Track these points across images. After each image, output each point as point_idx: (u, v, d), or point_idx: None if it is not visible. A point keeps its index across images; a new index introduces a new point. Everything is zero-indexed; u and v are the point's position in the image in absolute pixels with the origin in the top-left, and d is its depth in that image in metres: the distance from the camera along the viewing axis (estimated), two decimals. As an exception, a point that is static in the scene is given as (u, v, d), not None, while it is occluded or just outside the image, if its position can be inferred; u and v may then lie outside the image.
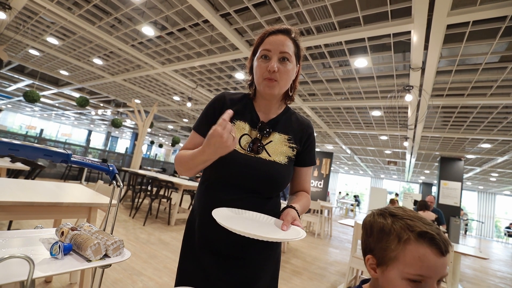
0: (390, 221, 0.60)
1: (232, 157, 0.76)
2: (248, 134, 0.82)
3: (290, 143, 0.84)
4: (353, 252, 2.78)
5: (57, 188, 1.83)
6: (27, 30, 4.92)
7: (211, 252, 0.77)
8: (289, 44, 0.78)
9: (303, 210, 0.82)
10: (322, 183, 11.04)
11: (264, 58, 0.78)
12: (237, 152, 0.78)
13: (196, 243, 0.80)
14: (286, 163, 0.82)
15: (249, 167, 0.76)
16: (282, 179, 0.80)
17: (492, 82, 3.83)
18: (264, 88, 0.78)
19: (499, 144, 6.59)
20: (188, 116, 10.22)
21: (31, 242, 0.82)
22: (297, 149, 0.85)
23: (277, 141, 0.83)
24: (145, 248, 3.18)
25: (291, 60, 0.79)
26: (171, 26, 3.86)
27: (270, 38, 0.79)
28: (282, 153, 0.82)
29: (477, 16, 2.50)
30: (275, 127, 0.85)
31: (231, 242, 0.76)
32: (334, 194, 19.87)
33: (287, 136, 0.85)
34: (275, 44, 0.77)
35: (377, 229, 0.61)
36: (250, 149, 0.79)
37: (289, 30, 0.81)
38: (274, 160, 0.80)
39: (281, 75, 0.77)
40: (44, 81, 8.86)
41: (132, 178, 5.36)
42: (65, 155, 0.85)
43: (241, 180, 0.77)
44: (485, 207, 18.18)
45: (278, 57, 0.77)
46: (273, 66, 0.75)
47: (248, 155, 0.79)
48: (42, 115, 20.74)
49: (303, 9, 2.96)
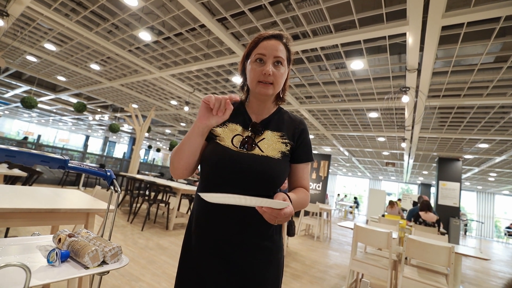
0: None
1: (224, 154, 0.78)
2: (240, 134, 0.84)
3: (283, 139, 0.85)
4: (353, 255, 2.76)
5: (55, 194, 1.82)
6: (24, 37, 4.92)
7: (209, 254, 0.77)
8: (282, 49, 0.82)
9: (299, 203, 0.81)
10: (320, 186, 11.03)
11: (259, 62, 0.81)
12: (229, 149, 0.80)
13: (194, 247, 0.80)
14: (280, 158, 0.81)
15: (242, 163, 0.77)
16: (276, 174, 0.79)
17: (488, 82, 3.86)
18: (260, 90, 0.81)
19: (496, 144, 6.63)
20: (186, 120, 10.22)
21: (28, 249, 0.81)
22: (291, 144, 0.86)
23: (270, 138, 0.85)
24: (144, 253, 3.15)
25: (283, 64, 0.83)
26: (168, 31, 3.88)
27: (264, 43, 0.82)
28: (275, 149, 0.83)
29: (472, 18, 2.53)
30: (267, 126, 0.87)
31: (229, 242, 0.76)
32: (332, 197, 19.86)
33: (280, 133, 0.86)
34: (269, 48, 0.80)
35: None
36: (242, 146, 0.81)
37: (281, 35, 0.85)
38: (267, 155, 0.80)
39: (275, 78, 0.81)
40: (42, 87, 8.84)
41: (130, 183, 5.34)
42: (62, 161, 0.84)
43: (236, 178, 0.77)
44: (484, 207, 18.22)
45: (273, 61, 0.81)
46: (268, 70, 0.78)
47: (241, 152, 0.80)
48: (40, 121, 20.66)
49: (299, 13, 2.98)
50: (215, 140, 0.83)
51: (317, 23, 3.17)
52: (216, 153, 0.79)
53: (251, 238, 0.78)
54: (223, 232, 0.77)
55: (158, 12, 3.41)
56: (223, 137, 0.83)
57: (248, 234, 0.77)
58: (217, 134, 0.84)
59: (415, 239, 2.44)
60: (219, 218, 0.77)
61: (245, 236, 0.77)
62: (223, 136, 0.83)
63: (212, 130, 0.84)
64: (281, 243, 0.87)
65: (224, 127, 0.85)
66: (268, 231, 0.81)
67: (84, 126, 18.19)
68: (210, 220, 0.78)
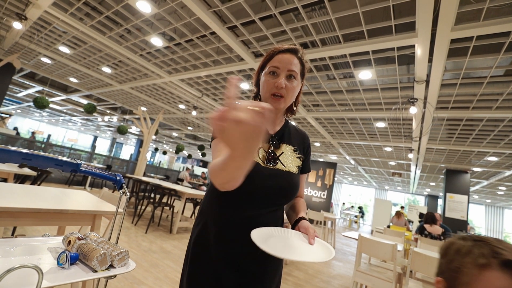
0: (470, 243, 0.53)
1: (256, 170, 0.77)
2: (261, 147, 0.84)
3: (297, 153, 0.90)
4: (357, 266, 2.73)
5: (63, 195, 1.86)
6: (40, 39, 5.08)
7: (230, 265, 0.78)
8: (296, 63, 0.84)
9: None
10: (325, 194, 10.93)
11: (272, 74, 0.83)
12: (259, 165, 0.80)
13: (213, 257, 0.79)
14: (297, 173, 0.87)
15: (272, 179, 0.79)
16: (296, 189, 0.85)
17: (498, 95, 3.82)
18: (271, 103, 0.82)
19: (506, 157, 6.50)
20: (193, 124, 10.31)
21: (38, 250, 0.84)
22: (302, 159, 0.91)
23: (287, 152, 0.88)
24: (147, 256, 3.17)
25: (297, 78, 0.84)
26: (179, 37, 3.96)
27: (279, 56, 0.84)
28: (293, 164, 0.86)
29: (481, 32, 2.52)
30: (282, 138, 0.89)
31: (252, 256, 0.78)
32: (337, 205, 19.64)
33: (293, 147, 0.90)
34: (283, 62, 0.82)
35: (454, 250, 0.55)
36: (267, 161, 0.82)
37: (297, 50, 0.86)
38: (289, 170, 0.84)
39: (287, 91, 0.82)
40: (54, 88, 9.06)
41: (136, 185, 5.39)
42: (75, 165, 0.87)
43: (264, 193, 0.78)
44: (493, 221, 17.77)
45: (286, 75, 0.82)
46: (281, 83, 0.80)
47: (269, 167, 0.81)
48: (50, 121, 21.09)
49: (308, 23, 3.02)
50: None
51: (326, 33, 3.20)
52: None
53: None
54: (242, 243, 0.77)
55: (170, 19, 3.49)
56: None
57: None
58: None
59: (420, 252, 2.40)
60: (238, 229, 0.78)
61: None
62: None
63: None
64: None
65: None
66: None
67: (93, 126, 18.49)
68: (231, 230, 0.79)
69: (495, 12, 2.40)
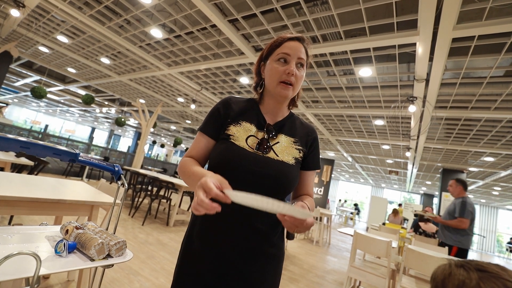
0: (475, 276, 0.44)
1: (241, 155, 0.76)
2: (254, 136, 0.82)
3: (296, 145, 0.85)
4: (352, 262, 2.76)
5: (60, 185, 1.86)
6: (38, 28, 5.01)
7: (213, 258, 0.76)
8: (303, 52, 0.82)
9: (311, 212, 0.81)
10: (322, 190, 11.00)
11: (282, 62, 0.81)
12: (244, 150, 0.78)
13: (196, 250, 0.78)
14: (294, 164, 0.82)
15: (257, 165, 0.76)
16: (290, 180, 0.79)
17: (497, 96, 3.83)
18: (280, 91, 0.80)
19: (502, 158, 6.56)
20: (192, 117, 10.28)
21: (36, 238, 0.84)
22: (304, 151, 0.86)
23: (284, 142, 0.84)
24: (143, 248, 3.18)
25: (304, 68, 0.83)
26: (179, 29, 3.92)
27: (289, 43, 0.82)
28: (289, 154, 0.82)
29: (483, 31, 2.52)
30: (281, 129, 0.86)
31: (235, 248, 0.75)
32: (334, 202, 19.77)
33: (293, 139, 0.86)
34: (294, 49, 0.80)
35: (456, 285, 0.44)
36: (257, 148, 0.79)
37: (303, 38, 0.85)
38: (282, 159, 0.80)
39: (296, 79, 0.80)
40: (52, 78, 8.97)
41: (133, 177, 5.39)
42: (74, 154, 0.87)
43: (249, 180, 0.76)
44: (486, 221, 18.00)
45: (296, 62, 0.80)
46: (292, 70, 0.78)
47: (257, 154, 0.78)
48: (47, 111, 20.93)
49: (310, 18, 3.00)
50: (229, 139, 0.81)
51: (328, 28, 3.18)
52: (232, 152, 0.77)
53: (258, 244, 0.77)
54: (228, 237, 0.76)
55: (170, 10, 3.45)
56: (238, 136, 0.81)
57: (254, 240, 0.77)
58: (231, 133, 0.81)
59: (414, 249, 2.43)
60: (225, 222, 0.76)
61: (251, 242, 0.76)
62: (237, 135, 0.81)
63: (226, 129, 0.83)
64: (284, 250, 0.86)
65: (238, 125, 0.83)
66: (274, 238, 0.80)
67: (90, 118, 18.38)
68: (216, 224, 0.76)
69: (497, 12, 2.39)
